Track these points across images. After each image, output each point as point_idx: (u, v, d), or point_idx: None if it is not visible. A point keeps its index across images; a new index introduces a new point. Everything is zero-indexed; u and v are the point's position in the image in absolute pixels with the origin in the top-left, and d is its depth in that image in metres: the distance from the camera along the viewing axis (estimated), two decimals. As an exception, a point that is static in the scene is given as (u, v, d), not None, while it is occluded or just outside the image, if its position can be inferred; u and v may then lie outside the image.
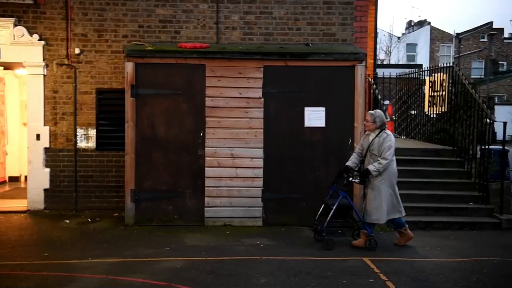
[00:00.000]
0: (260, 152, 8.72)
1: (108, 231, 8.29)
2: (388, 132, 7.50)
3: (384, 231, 8.45)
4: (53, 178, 9.59)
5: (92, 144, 9.66)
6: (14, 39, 9.31)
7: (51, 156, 9.60)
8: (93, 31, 9.50)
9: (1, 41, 9.28)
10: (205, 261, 6.73)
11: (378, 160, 7.33)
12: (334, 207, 7.42)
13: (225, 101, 8.67)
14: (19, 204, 9.84)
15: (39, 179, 9.53)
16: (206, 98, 8.65)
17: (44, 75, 9.50)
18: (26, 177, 12.17)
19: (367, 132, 7.65)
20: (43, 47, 9.42)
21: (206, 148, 8.67)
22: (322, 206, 7.71)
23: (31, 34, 9.35)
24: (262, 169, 8.71)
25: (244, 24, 9.60)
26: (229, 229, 8.48)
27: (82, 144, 9.64)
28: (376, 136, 7.44)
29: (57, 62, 9.50)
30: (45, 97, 9.54)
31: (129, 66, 8.54)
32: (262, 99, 8.68)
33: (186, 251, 7.17)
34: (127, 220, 8.62)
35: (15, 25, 9.31)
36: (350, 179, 7.54)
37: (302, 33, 9.63)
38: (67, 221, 8.85)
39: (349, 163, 7.73)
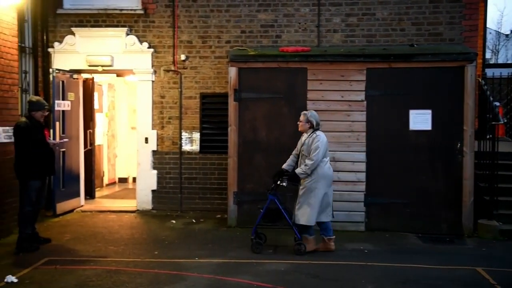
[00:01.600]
0: (362, 156, 8.57)
1: (211, 232, 8.51)
2: (319, 132, 7.25)
3: (496, 239, 8.00)
4: (160, 179, 10.01)
5: (196, 147, 9.97)
6: (126, 48, 9.85)
7: (158, 159, 10.03)
8: (198, 38, 9.83)
9: (114, 50, 9.85)
10: (309, 264, 6.72)
11: (305, 161, 7.09)
12: (262, 210, 7.34)
13: (327, 105, 8.62)
14: (129, 204, 10.37)
15: (147, 181, 9.98)
16: (308, 102, 8.64)
17: (152, 81, 9.95)
18: (133, 178, 12.82)
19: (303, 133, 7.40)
20: (152, 54, 9.88)
21: (308, 152, 8.66)
22: None
23: (141, 42, 9.85)
24: (364, 173, 8.56)
25: (345, 26, 9.50)
26: (330, 233, 8.42)
27: (186, 147, 9.98)
28: (308, 137, 7.24)
29: (164, 69, 9.92)
30: (153, 102, 9.98)
31: (233, 71, 8.73)
32: (365, 102, 8.54)
33: (289, 254, 7.18)
34: (230, 222, 8.80)
35: (127, 35, 9.85)
36: (278, 182, 7.34)
37: (406, 34, 9.37)
38: (173, 222, 9.20)
39: (284, 165, 7.52)
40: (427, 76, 8.45)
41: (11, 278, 5.92)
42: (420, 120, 8.46)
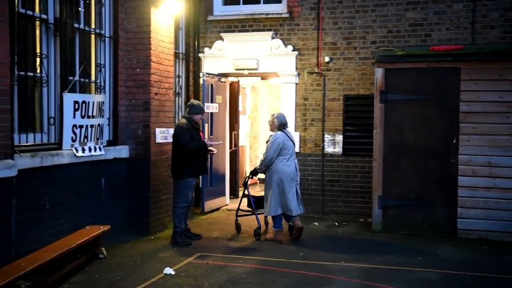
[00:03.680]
0: (524, 161, 7.90)
1: (355, 236, 8.37)
2: (276, 133, 7.91)
3: None
4: (301, 181, 10.00)
5: (338, 149, 9.88)
6: (271, 51, 10.05)
7: (301, 160, 10.02)
8: (342, 39, 9.73)
9: (259, 53, 10.10)
10: (464, 275, 6.32)
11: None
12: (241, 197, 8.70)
13: (482, 106, 8.06)
14: (271, 204, 10.52)
15: (290, 182, 10.07)
16: (460, 103, 8.15)
17: (296, 84, 10.04)
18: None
19: None
20: (296, 57, 9.97)
21: (459, 156, 8.16)
22: None
23: (285, 45, 9.99)
24: (526, 180, 7.88)
25: (504, 21, 8.81)
26: (485, 243, 7.85)
27: (329, 149, 9.93)
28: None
29: (307, 71, 9.97)
30: (296, 104, 10.07)
31: (379, 72, 8.51)
32: (527, 102, 7.87)
33: (440, 263, 6.82)
34: (374, 227, 8.59)
35: (272, 38, 10.04)
36: (247, 174, 8.52)
37: None
38: (316, 224, 9.19)
39: None
40: None
41: (169, 271, 6.29)
42: None
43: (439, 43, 9.00)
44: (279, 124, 7.97)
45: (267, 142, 8.02)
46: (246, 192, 8.45)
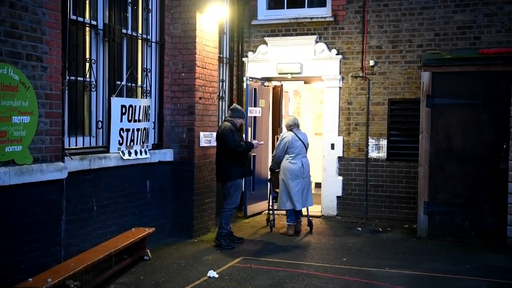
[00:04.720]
0: None
1: (400, 242, 8.23)
2: (285, 132, 8.74)
3: None
4: (345, 186, 9.97)
5: (382, 154, 9.74)
6: (314, 55, 10.02)
7: (344, 165, 10.00)
8: (388, 43, 9.60)
9: (303, 58, 10.07)
10: (515, 286, 6.14)
11: None
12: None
13: (534, 111, 7.82)
14: (313, 209, 10.42)
15: (333, 187, 10.02)
16: (511, 108, 7.92)
17: (340, 88, 9.96)
18: (316, 184, 12.97)
19: None
20: (340, 61, 9.90)
21: (510, 162, 7.92)
22: None
23: (329, 49, 9.93)
24: None
25: (562, 22, 8.55)
26: (537, 253, 7.60)
27: (373, 154, 9.80)
28: None
29: (352, 75, 9.87)
30: (340, 109, 9.99)
31: (426, 76, 8.35)
32: None
33: (489, 272, 6.63)
34: (420, 233, 8.43)
35: (316, 42, 10.00)
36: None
37: None
38: (359, 229, 9.08)
39: None
40: None
41: (213, 273, 6.34)
42: None
43: (488, 46, 8.77)
44: (287, 125, 8.78)
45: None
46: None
